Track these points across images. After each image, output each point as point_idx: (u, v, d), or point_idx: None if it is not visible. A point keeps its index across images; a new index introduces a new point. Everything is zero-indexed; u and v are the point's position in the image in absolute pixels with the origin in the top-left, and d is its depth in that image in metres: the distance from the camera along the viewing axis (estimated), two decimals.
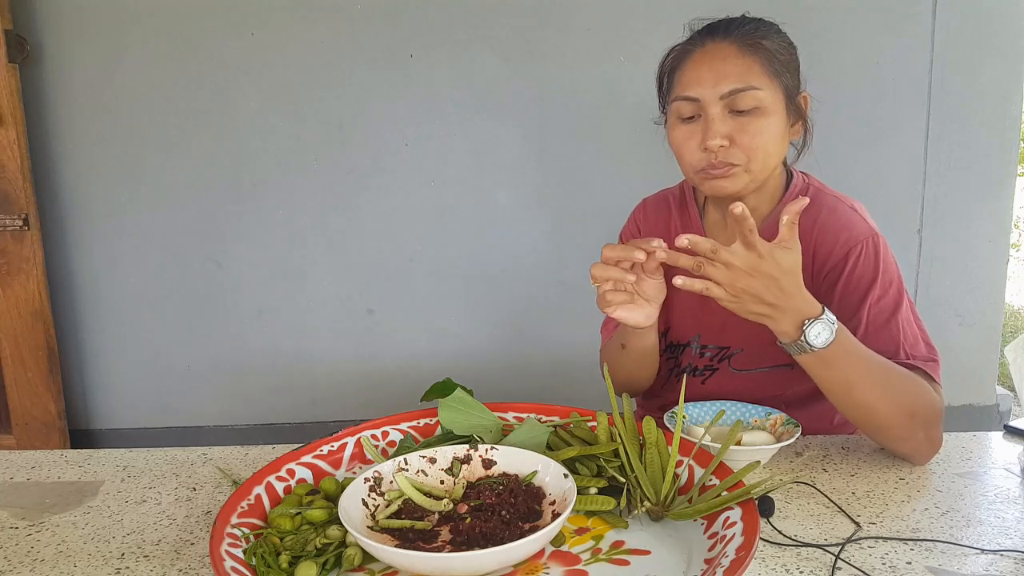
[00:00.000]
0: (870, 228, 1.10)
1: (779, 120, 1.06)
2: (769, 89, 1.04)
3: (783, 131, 1.08)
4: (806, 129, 1.13)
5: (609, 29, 2.34)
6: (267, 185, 2.41)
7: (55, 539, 0.87)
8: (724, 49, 1.05)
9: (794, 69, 1.09)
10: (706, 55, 1.06)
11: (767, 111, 1.04)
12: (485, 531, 0.76)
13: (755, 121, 1.03)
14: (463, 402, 0.99)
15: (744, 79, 1.03)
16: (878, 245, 1.08)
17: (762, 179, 1.09)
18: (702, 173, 1.07)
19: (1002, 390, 2.63)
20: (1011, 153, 2.43)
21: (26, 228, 2.25)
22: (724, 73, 1.03)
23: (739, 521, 0.75)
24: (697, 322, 1.21)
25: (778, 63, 1.06)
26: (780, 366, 1.14)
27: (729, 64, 1.04)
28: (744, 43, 1.05)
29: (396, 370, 2.52)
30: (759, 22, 1.09)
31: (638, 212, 1.33)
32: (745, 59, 1.04)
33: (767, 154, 1.05)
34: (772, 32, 1.08)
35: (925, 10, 2.33)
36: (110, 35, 2.31)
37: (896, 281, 1.08)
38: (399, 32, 2.33)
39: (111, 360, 2.50)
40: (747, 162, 1.05)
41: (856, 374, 0.94)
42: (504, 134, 2.40)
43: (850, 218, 1.11)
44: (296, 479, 0.90)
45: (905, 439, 0.98)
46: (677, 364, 1.25)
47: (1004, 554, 0.78)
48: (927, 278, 2.48)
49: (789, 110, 1.08)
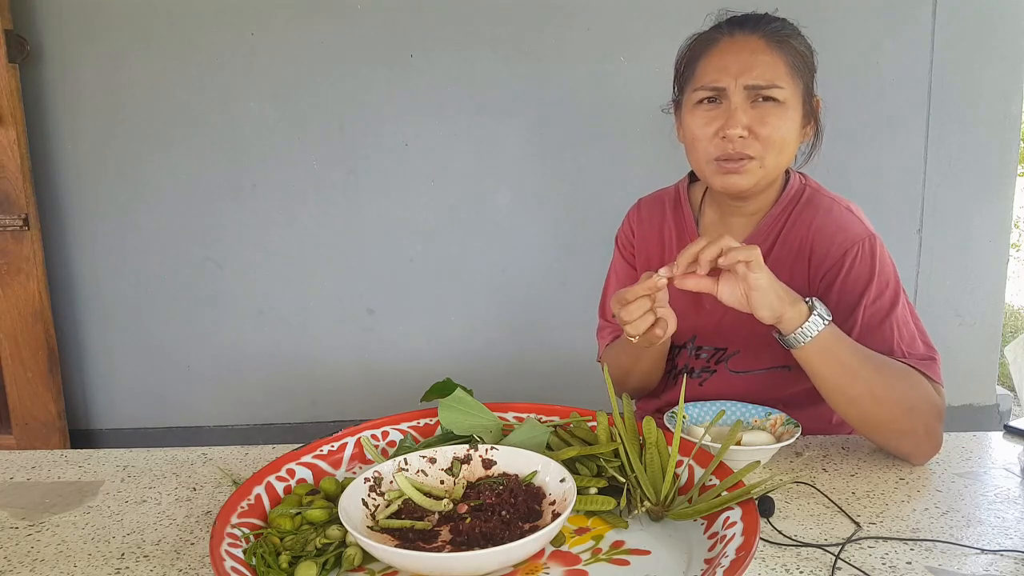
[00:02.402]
0: (866, 229, 1.10)
1: (796, 118, 1.07)
2: (790, 88, 1.05)
3: (798, 131, 1.08)
4: (817, 132, 1.14)
5: (609, 29, 2.34)
6: (267, 185, 2.41)
7: (55, 539, 0.87)
8: (753, 42, 1.05)
9: (812, 72, 1.10)
10: (734, 44, 1.06)
11: (787, 107, 1.05)
12: (485, 531, 0.76)
13: (775, 114, 1.04)
14: (463, 402, 0.99)
15: (770, 74, 1.03)
16: (874, 246, 1.08)
17: (773, 176, 1.10)
18: (715, 164, 1.07)
19: (1002, 390, 2.63)
20: (1011, 153, 2.43)
21: (26, 228, 2.25)
22: (751, 64, 1.04)
23: (739, 521, 0.75)
24: (692, 324, 1.20)
25: (801, 63, 1.07)
26: (777, 367, 1.14)
27: (757, 57, 1.04)
28: (772, 39, 1.05)
29: (396, 370, 2.52)
30: (785, 21, 1.09)
31: (632, 214, 1.33)
32: (772, 55, 1.04)
33: (782, 150, 1.06)
34: (796, 33, 1.09)
35: (925, 10, 2.33)
36: (110, 35, 2.31)
37: (892, 282, 1.08)
38: (399, 32, 2.33)
39: (111, 360, 2.51)
40: (763, 155, 1.05)
41: (851, 365, 0.95)
42: (504, 134, 2.40)
43: (846, 219, 1.11)
44: (296, 479, 0.90)
45: (904, 435, 0.98)
46: (674, 366, 1.25)
47: (1004, 554, 0.78)
48: (927, 278, 2.48)
49: (805, 111, 1.09)
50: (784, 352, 1.14)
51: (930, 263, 2.47)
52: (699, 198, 1.25)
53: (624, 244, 1.33)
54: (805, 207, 1.14)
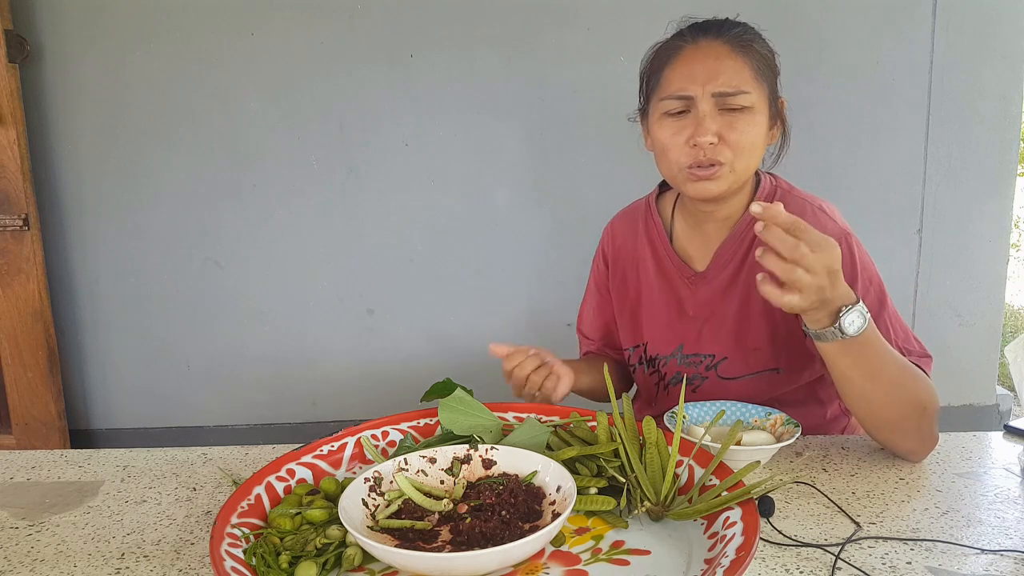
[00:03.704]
0: (840, 228, 1.09)
1: (764, 121, 1.08)
2: (757, 92, 1.06)
3: (765, 133, 1.10)
4: (783, 133, 1.15)
5: (609, 29, 2.34)
6: (267, 185, 2.41)
7: (55, 539, 0.87)
8: (717, 48, 1.06)
9: (776, 74, 1.11)
10: (699, 52, 1.07)
11: (755, 111, 1.06)
12: (485, 531, 0.76)
13: (743, 119, 1.05)
14: (463, 402, 0.99)
15: (736, 80, 1.04)
16: (851, 244, 1.07)
17: (743, 180, 1.11)
18: (687, 172, 1.08)
19: (1002, 390, 2.63)
20: (1011, 153, 2.43)
21: (26, 228, 2.25)
22: (717, 71, 1.04)
23: (739, 521, 0.75)
24: (675, 334, 1.21)
25: (765, 67, 1.08)
26: (768, 370, 1.15)
27: (723, 63, 1.05)
28: (736, 44, 1.06)
29: (396, 370, 2.52)
30: (747, 26, 1.11)
31: (605, 237, 1.34)
32: (737, 60, 1.05)
33: (751, 154, 1.07)
34: (759, 37, 1.11)
35: (925, 10, 2.33)
36: (110, 35, 2.31)
37: (876, 278, 1.08)
38: (399, 32, 2.33)
39: (111, 360, 2.51)
40: (733, 160, 1.06)
41: (878, 364, 0.92)
42: (504, 134, 2.40)
43: (819, 219, 1.10)
44: (296, 479, 0.90)
45: (913, 433, 0.97)
46: (661, 377, 1.25)
47: (1004, 554, 0.78)
48: (927, 278, 2.48)
49: (771, 113, 1.10)
50: (773, 354, 1.14)
51: (930, 263, 2.47)
52: (669, 209, 1.25)
53: (598, 264, 1.35)
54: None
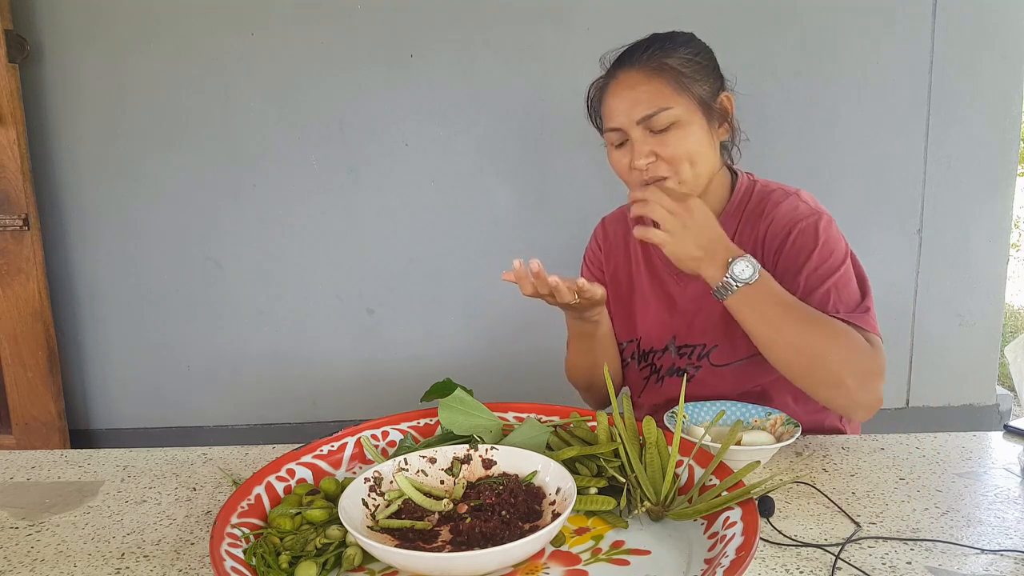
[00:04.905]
0: (812, 209, 1.15)
1: (698, 128, 1.11)
2: (680, 105, 1.10)
3: (706, 137, 1.13)
4: (733, 128, 1.18)
5: (609, 29, 2.33)
6: (267, 185, 2.41)
7: (55, 539, 0.87)
8: (632, 77, 1.12)
9: (707, 76, 1.13)
10: (619, 85, 1.13)
11: (683, 123, 1.10)
12: (485, 531, 0.76)
13: (673, 135, 1.10)
14: (463, 402, 0.99)
15: (654, 102, 1.09)
16: (819, 223, 1.12)
17: (699, 184, 1.14)
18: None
19: (1002, 390, 2.63)
20: (1011, 153, 2.43)
21: (26, 228, 2.25)
22: (636, 100, 1.10)
23: (739, 521, 0.75)
24: (667, 326, 1.25)
25: (685, 77, 1.11)
26: (757, 354, 1.16)
27: (638, 91, 1.10)
28: (648, 67, 1.11)
29: (396, 370, 2.52)
30: (665, 39, 1.14)
31: (598, 232, 1.39)
32: (652, 83, 1.10)
33: (692, 162, 1.11)
34: (679, 46, 1.13)
35: (925, 10, 2.33)
36: (110, 35, 2.31)
37: (837, 254, 1.10)
38: (399, 32, 2.33)
39: (111, 360, 2.51)
40: (675, 172, 1.11)
41: (781, 312, 1.01)
42: (504, 134, 2.40)
43: (793, 204, 1.16)
44: (296, 479, 0.91)
45: (833, 387, 1.01)
46: (655, 370, 1.28)
47: (1004, 554, 0.78)
48: (927, 278, 2.48)
49: (709, 115, 1.12)
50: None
51: (930, 263, 2.47)
52: None
53: (591, 262, 1.38)
54: (757, 203, 1.19)
